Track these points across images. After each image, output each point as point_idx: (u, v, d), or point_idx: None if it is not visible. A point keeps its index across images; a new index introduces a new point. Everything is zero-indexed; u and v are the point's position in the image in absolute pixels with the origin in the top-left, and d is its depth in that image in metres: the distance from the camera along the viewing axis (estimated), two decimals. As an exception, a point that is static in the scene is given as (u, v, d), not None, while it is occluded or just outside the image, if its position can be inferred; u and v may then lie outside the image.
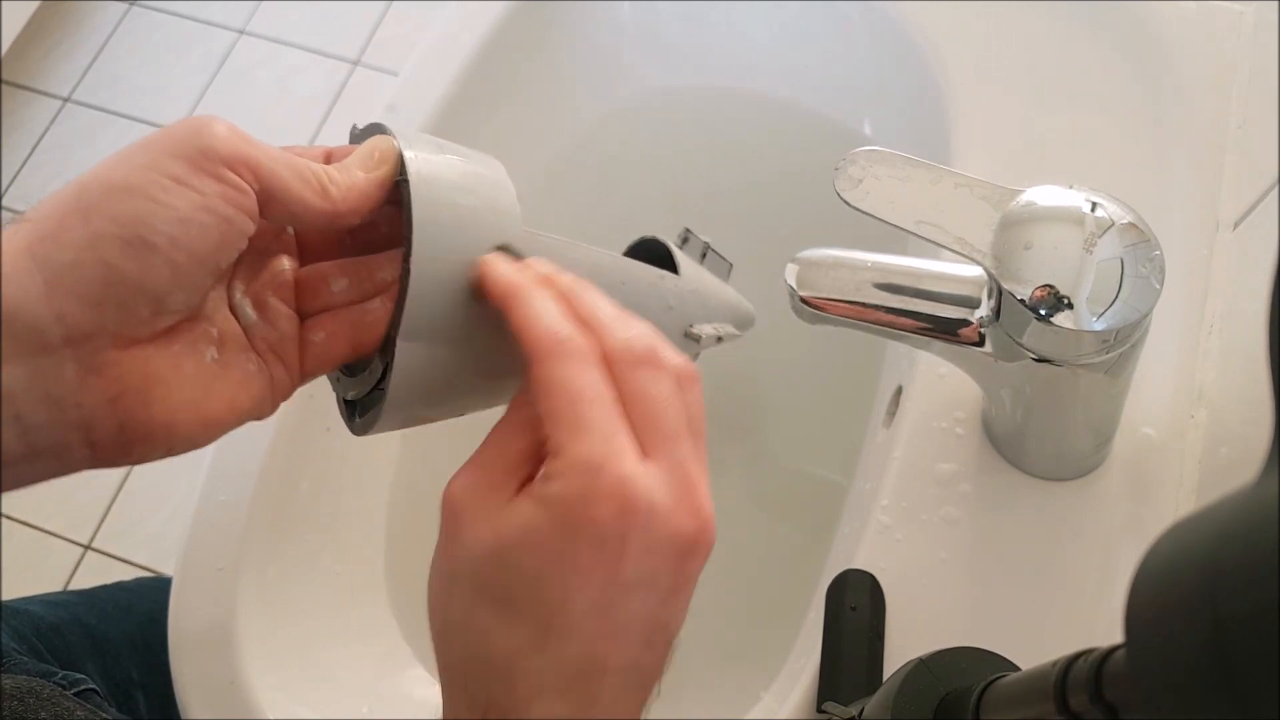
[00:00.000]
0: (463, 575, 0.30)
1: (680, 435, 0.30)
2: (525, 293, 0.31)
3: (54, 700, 0.43)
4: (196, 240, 0.29)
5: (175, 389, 0.30)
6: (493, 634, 0.29)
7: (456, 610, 0.30)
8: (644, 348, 0.31)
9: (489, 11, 0.69)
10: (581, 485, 0.28)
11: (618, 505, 0.28)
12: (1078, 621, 0.48)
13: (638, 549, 0.29)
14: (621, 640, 0.30)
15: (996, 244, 0.40)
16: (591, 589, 0.29)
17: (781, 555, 0.73)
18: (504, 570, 0.29)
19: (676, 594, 0.31)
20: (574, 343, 0.30)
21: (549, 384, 0.29)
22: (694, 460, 0.31)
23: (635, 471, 0.29)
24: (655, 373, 0.31)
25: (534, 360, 0.30)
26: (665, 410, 0.30)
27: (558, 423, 0.29)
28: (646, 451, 0.30)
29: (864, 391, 0.68)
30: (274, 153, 0.31)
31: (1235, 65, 0.60)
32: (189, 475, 1.42)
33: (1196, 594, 0.18)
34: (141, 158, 0.29)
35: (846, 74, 0.72)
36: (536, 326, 0.30)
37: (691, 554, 0.30)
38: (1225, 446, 0.49)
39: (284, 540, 0.58)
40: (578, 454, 0.28)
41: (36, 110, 1.72)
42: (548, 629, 0.29)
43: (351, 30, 1.73)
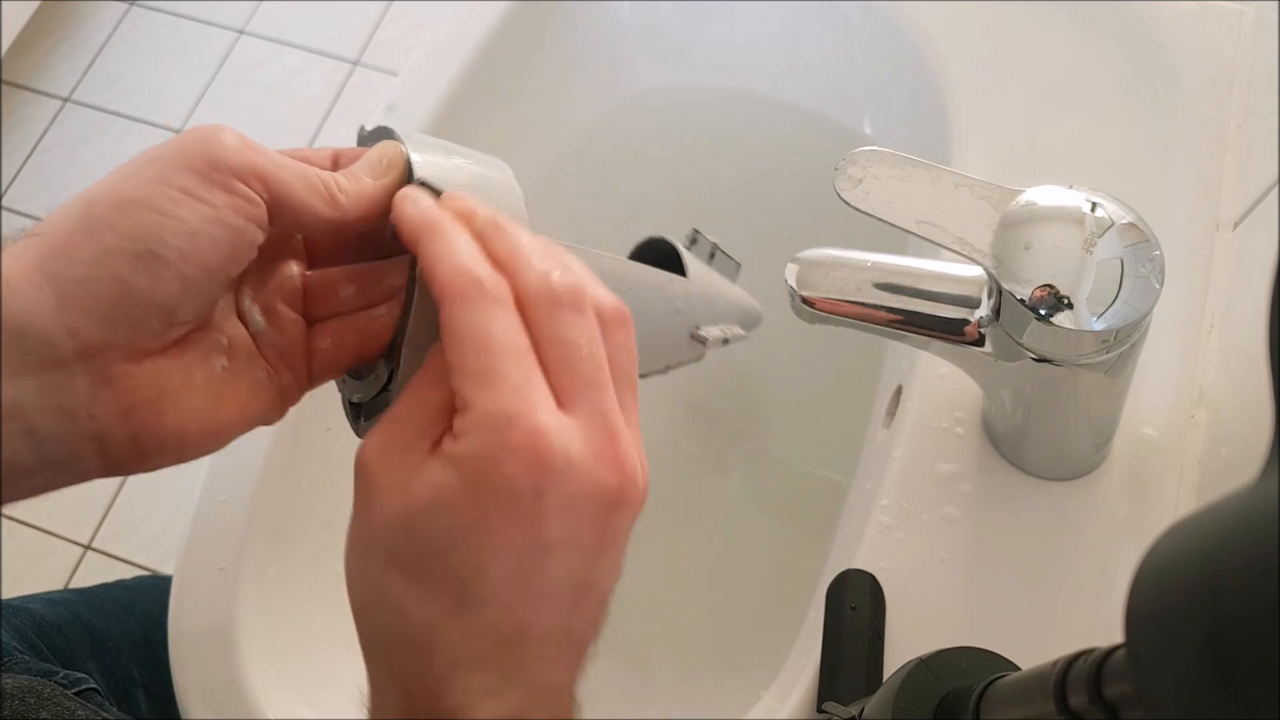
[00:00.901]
0: (375, 545, 0.28)
1: (602, 383, 0.29)
2: (437, 229, 0.29)
3: (55, 700, 0.44)
4: (207, 252, 0.29)
5: (187, 399, 0.30)
6: (408, 605, 0.28)
7: (371, 582, 0.29)
8: (565, 287, 0.29)
9: (489, 11, 0.69)
10: (490, 441, 0.27)
11: (530, 461, 0.26)
12: (1078, 621, 0.48)
13: (554, 506, 0.27)
14: (544, 605, 0.28)
15: (996, 244, 0.40)
16: (507, 553, 0.27)
17: (781, 555, 0.73)
18: (415, 537, 0.27)
19: (602, 552, 0.29)
20: (485, 284, 0.28)
21: (455, 330, 0.27)
22: (618, 409, 0.29)
23: (549, 423, 0.27)
24: (575, 315, 0.29)
25: (443, 301, 0.28)
26: (585, 356, 0.28)
27: (465, 374, 0.27)
28: (563, 402, 0.28)
29: (864, 391, 0.68)
30: (283, 161, 0.31)
31: (1235, 65, 0.60)
32: (189, 475, 1.41)
33: (1196, 594, 0.19)
34: (150, 171, 0.29)
35: (846, 74, 0.72)
36: (445, 265, 0.28)
37: (615, 509, 0.28)
38: (1225, 446, 0.49)
39: (284, 540, 0.58)
40: (486, 408, 0.27)
41: (36, 110, 1.72)
42: (463, 597, 0.27)
43: (351, 30, 1.73)
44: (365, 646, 0.30)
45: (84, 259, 0.28)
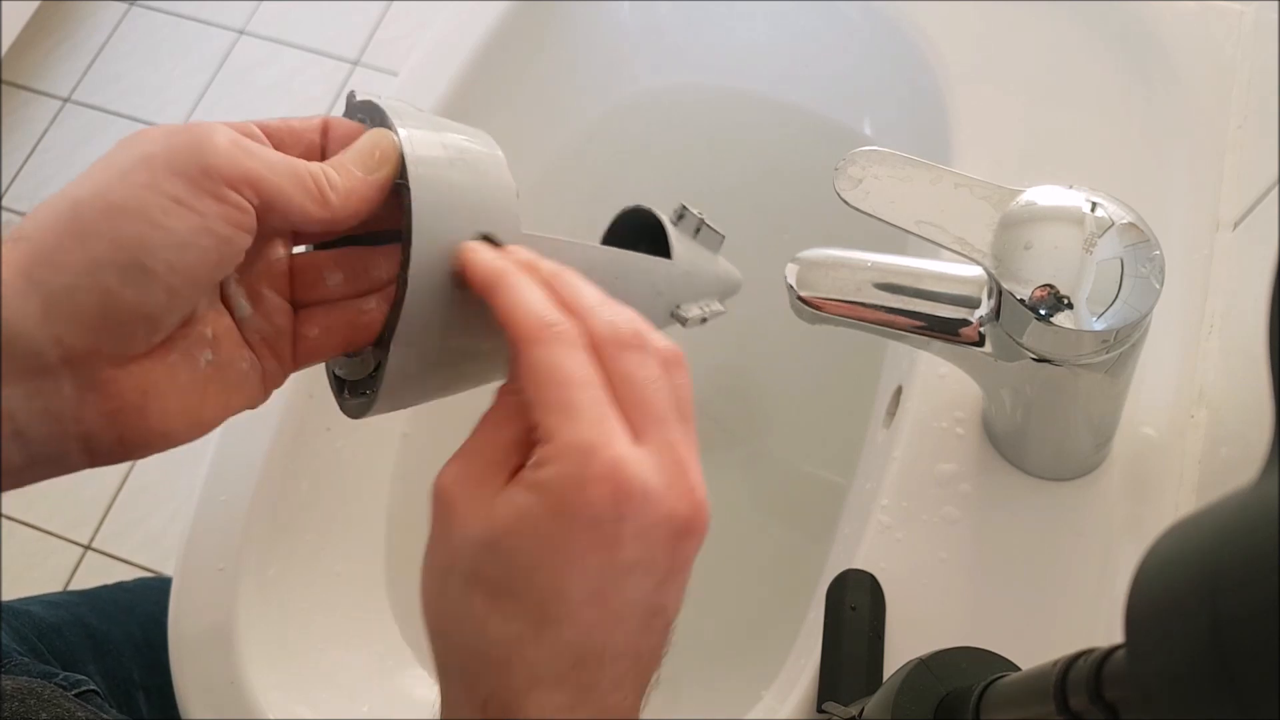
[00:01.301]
0: (456, 567, 0.29)
1: (669, 418, 0.30)
2: (509, 279, 0.31)
3: (55, 701, 0.43)
4: (195, 263, 0.29)
5: (172, 398, 0.31)
6: (489, 625, 0.29)
7: (451, 603, 0.30)
8: (630, 331, 0.31)
9: (489, 11, 0.69)
10: (575, 469, 0.28)
11: (612, 488, 0.28)
12: (1078, 621, 0.48)
13: (633, 532, 0.28)
14: (619, 626, 0.29)
15: (996, 244, 0.40)
16: (587, 575, 0.28)
17: (781, 555, 0.73)
18: (498, 559, 0.29)
19: (672, 577, 0.30)
20: (560, 327, 0.30)
21: (537, 369, 0.29)
22: (684, 442, 0.30)
23: (628, 454, 0.28)
24: (642, 356, 0.30)
25: (520, 346, 0.29)
26: (654, 393, 0.30)
27: (547, 408, 0.29)
28: (636, 435, 0.29)
29: (864, 391, 0.68)
30: (275, 162, 0.31)
31: (1235, 65, 0.60)
32: (189, 475, 1.42)
33: (1196, 594, 0.18)
34: (142, 175, 0.29)
35: (846, 74, 0.72)
36: (522, 312, 0.30)
37: (686, 536, 0.30)
38: (1225, 446, 0.49)
39: (284, 540, 0.58)
40: (570, 438, 0.28)
41: (36, 110, 1.72)
42: (544, 617, 0.28)
43: (351, 30, 1.73)
44: (441, 666, 0.31)
45: (71, 267, 0.28)
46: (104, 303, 0.28)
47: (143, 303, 0.29)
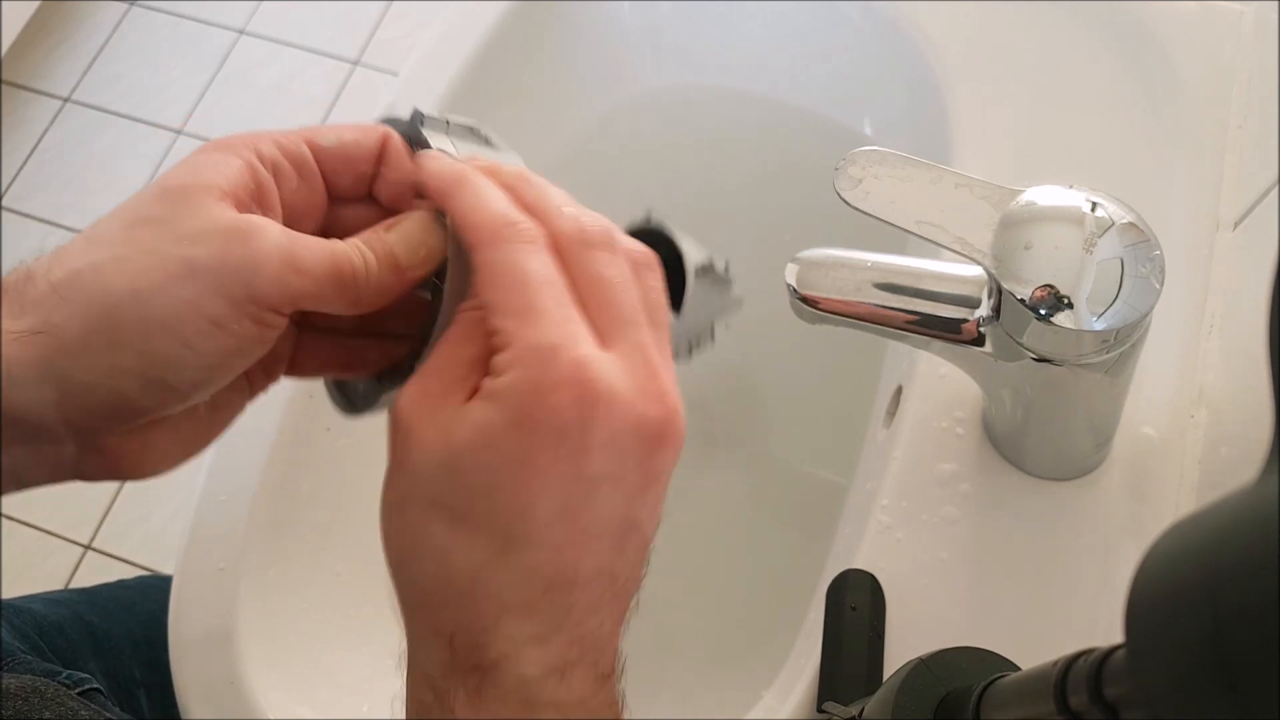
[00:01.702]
0: (416, 493, 0.28)
1: (638, 320, 0.28)
2: (468, 180, 0.29)
3: (58, 700, 0.43)
4: (218, 379, 0.29)
5: (168, 448, 0.31)
6: (451, 552, 0.27)
7: (410, 533, 0.28)
8: (597, 230, 0.29)
9: (489, 11, 0.69)
10: (535, 373, 0.26)
11: (576, 392, 0.26)
12: (1078, 621, 0.48)
13: (600, 440, 0.26)
14: (590, 545, 0.27)
15: (996, 244, 0.40)
16: (553, 489, 0.26)
17: (782, 555, 0.73)
18: (458, 479, 0.27)
19: (645, 490, 0.28)
20: (520, 226, 0.28)
21: (494, 270, 0.27)
22: (656, 346, 0.28)
23: (594, 356, 0.26)
24: (609, 255, 0.29)
25: (478, 246, 0.28)
26: (621, 294, 0.28)
27: (506, 310, 0.27)
28: (603, 338, 0.27)
29: (864, 391, 0.68)
30: (320, 270, 0.29)
31: (1235, 65, 0.60)
32: (189, 475, 1.42)
33: (1197, 593, 0.19)
34: (186, 290, 0.28)
35: (846, 74, 0.72)
36: (480, 212, 0.28)
37: (659, 444, 0.28)
38: (1225, 446, 0.49)
39: (284, 540, 0.58)
40: (529, 340, 0.26)
41: (36, 110, 1.72)
42: (509, 538, 0.27)
43: (351, 30, 1.73)
44: (404, 600, 0.29)
45: (94, 368, 0.28)
46: (120, 405, 0.28)
47: (157, 407, 0.29)
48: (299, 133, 0.32)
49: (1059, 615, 0.48)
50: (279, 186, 0.31)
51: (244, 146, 0.30)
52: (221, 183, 0.29)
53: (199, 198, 0.29)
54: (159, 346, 0.28)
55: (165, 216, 0.28)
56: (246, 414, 0.34)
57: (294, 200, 0.32)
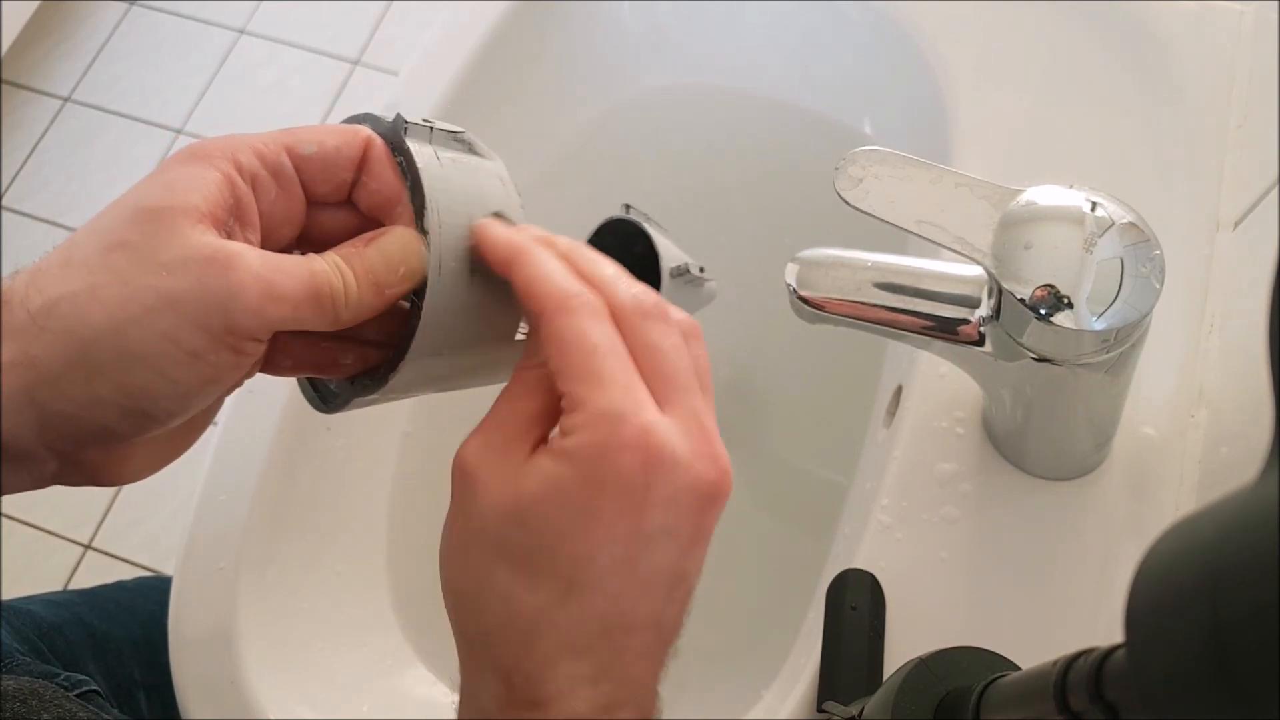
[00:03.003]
0: (481, 538, 0.29)
1: (692, 386, 0.30)
2: (529, 252, 0.31)
3: (56, 702, 0.43)
4: (196, 405, 0.30)
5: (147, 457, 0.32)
6: (514, 595, 0.29)
7: (474, 575, 0.30)
8: (652, 302, 0.31)
9: (489, 11, 0.69)
10: (604, 436, 0.28)
11: (641, 455, 0.28)
12: (1078, 621, 0.48)
13: (661, 499, 0.28)
14: (645, 595, 0.29)
15: (996, 244, 0.40)
16: (616, 542, 0.28)
17: (781, 555, 0.73)
18: (525, 528, 0.29)
19: (696, 545, 0.30)
20: (584, 297, 0.30)
21: (564, 338, 0.29)
22: (707, 411, 0.31)
23: (656, 421, 0.29)
24: (664, 326, 0.31)
25: (545, 315, 0.30)
26: (676, 362, 0.30)
27: (575, 376, 0.29)
28: (661, 404, 0.29)
29: (864, 391, 0.68)
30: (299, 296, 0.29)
31: (1235, 65, 0.60)
32: (189, 475, 1.42)
33: (1196, 593, 0.19)
34: (164, 321, 0.28)
35: (846, 74, 0.72)
36: (545, 283, 0.30)
37: (711, 502, 0.30)
38: (1225, 446, 0.49)
39: (284, 540, 0.58)
40: (599, 405, 0.28)
41: (36, 110, 1.72)
42: (571, 585, 0.28)
43: (351, 30, 1.73)
44: (463, 640, 0.31)
45: (74, 398, 0.28)
46: (100, 432, 0.29)
47: (136, 434, 0.30)
48: (278, 138, 0.32)
49: (1059, 615, 0.48)
50: (257, 198, 0.31)
51: (221, 157, 0.30)
52: (199, 203, 0.29)
53: (176, 221, 0.28)
54: (137, 379, 0.28)
55: (141, 242, 0.28)
56: (246, 414, 0.34)
57: (272, 210, 0.32)
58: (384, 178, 0.32)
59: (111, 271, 0.28)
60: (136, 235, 0.28)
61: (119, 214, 0.29)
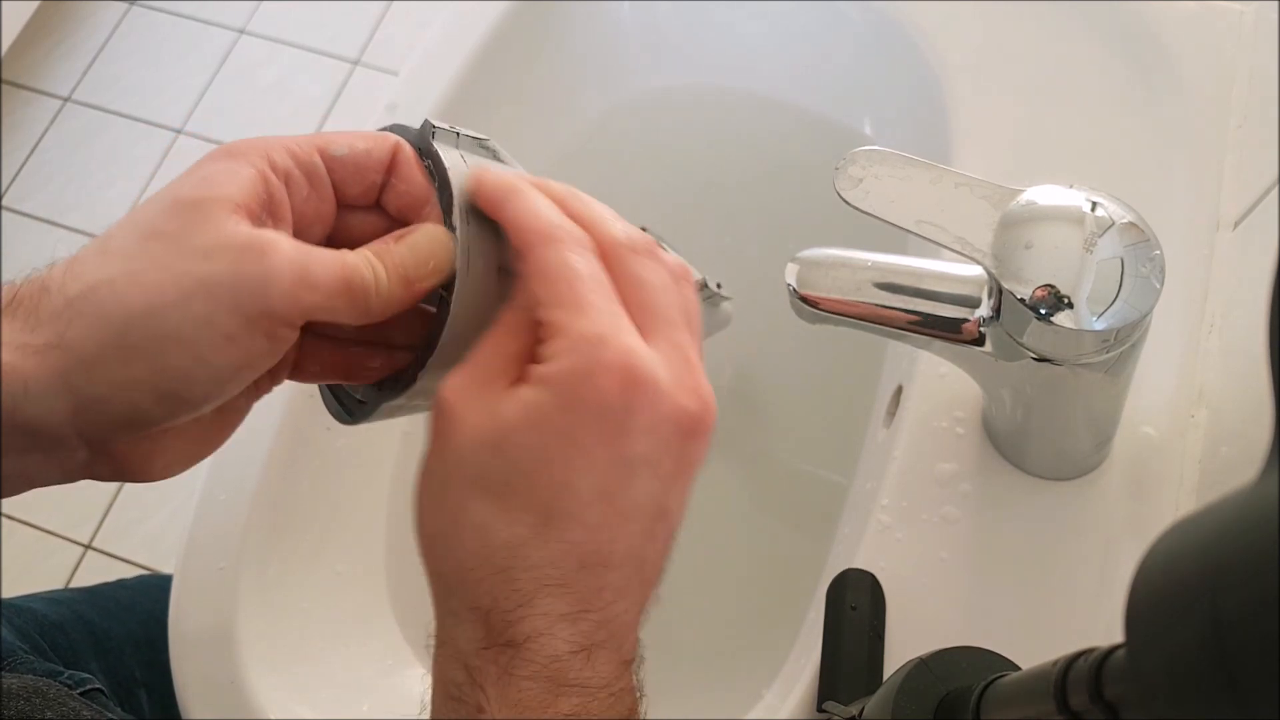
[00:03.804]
0: (458, 472, 0.29)
1: (678, 321, 0.30)
2: (520, 191, 0.31)
3: (60, 700, 0.43)
4: (229, 390, 0.30)
5: (175, 450, 0.32)
6: (491, 527, 0.28)
7: (451, 510, 0.29)
8: (641, 239, 0.31)
9: (489, 11, 0.69)
10: (585, 358, 0.28)
11: (622, 377, 0.28)
12: (1078, 621, 0.48)
13: (643, 424, 0.28)
14: (624, 527, 0.29)
15: (996, 243, 0.40)
16: (596, 468, 0.28)
17: (781, 555, 0.73)
18: (504, 457, 0.28)
19: (678, 478, 0.30)
20: (570, 229, 0.30)
21: (547, 267, 0.29)
22: (693, 346, 0.30)
23: (638, 346, 0.28)
24: (653, 262, 0.31)
25: (531, 247, 0.29)
26: (663, 295, 0.30)
27: (557, 303, 0.29)
28: (646, 335, 0.29)
29: (864, 391, 0.68)
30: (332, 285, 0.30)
31: (1235, 65, 0.60)
32: (189, 475, 1.42)
33: (1197, 593, 0.19)
34: (200, 306, 0.28)
35: (846, 74, 0.72)
36: (534, 217, 0.30)
37: (694, 434, 0.29)
38: (1225, 446, 0.49)
39: (284, 540, 0.58)
40: (579, 329, 0.28)
41: (36, 110, 1.72)
42: (550, 514, 0.28)
43: (351, 30, 1.73)
44: (439, 579, 0.30)
45: (108, 381, 0.28)
46: (133, 415, 0.29)
47: (170, 417, 0.30)
48: (311, 140, 0.32)
49: (1059, 615, 0.48)
50: (290, 195, 0.31)
51: (257, 155, 0.30)
52: (235, 194, 0.29)
53: (212, 211, 0.29)
54: (173, 361, 0.28)
55: (179, 231, 0.29)
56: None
57: (304, 209, 0.32)
58: (412, 179, 0.33)
59: (149, 258, 0.28)
60: (174, 225, 0.29)
61: (156, 206, 0.30)
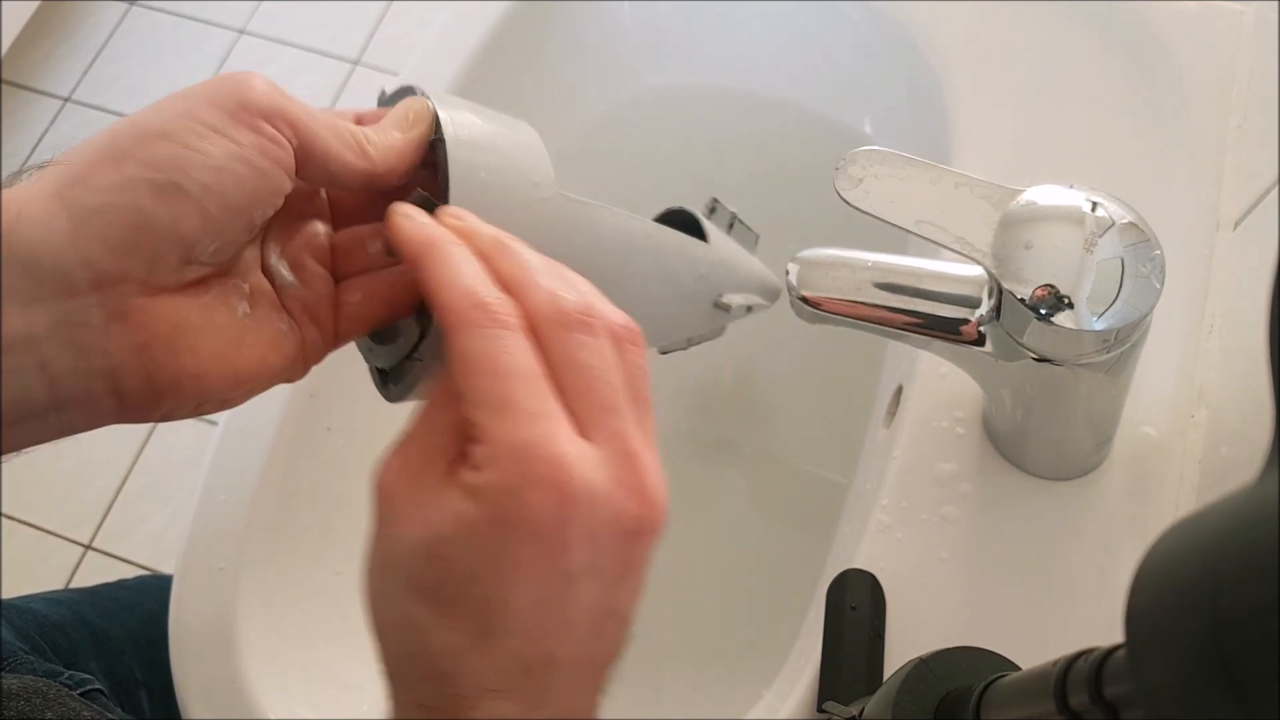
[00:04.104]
0: (396, 570, 0.28)
1: (619, 406, 0.28)
2: (438, 249, 0.28)
3: (60, 700, 0.43)
4: (230, 189, 0.28)
5: (205, 339, 0.29)
6: (430, 632, 0.27)
7: (392, 606, 0.28)
8: (576, 307, 0.28)
9: (489, 11, 0.69)
10: (512, 474, 0.26)
11: (552, 493, 0.26)
12: (1078, 621, 0.48)
13: (579, 537, 0.26)
14: (568, 633, 0.27)
15: (997, 243, 0.40)
16: (531, 585, 0.26)
17: (781, 555, 0.73)
18: (437, 567, 0.27)
19: (624, 579, 0.28)
20: (493, 308, 0.27)
21: (466, 358, 0.27)
22: (637, 433, 0.28)
23: (570, 453, 0.26)
24: (587, 336, 0.28)
25: (449, 329, 0.27)
26: (601, 379, 0.28)
27: (479, 403, 0.26)
28: (582, 427, 0.27)
29: (864, 391, 0.68)
30: (313, 110, 0.31)
31: (1235, 65, 0.60)
32: (189, 475, 1.42)
33: (1197, 593, 0.19)
34: (179, 105, 0.29)
35: (846, 74, 0.72)
36: (450, 289, 0.27)
37: (638, 535, 0.28)
38: (1225, 446, 0.49)
39: (284, 540, 0.58)
40: (505, 438, 0.26)
41: (36, 110, 1.72)
42: (487, 628, 0.27)
43: (351, 30, 1.73)
44: (387, 666, 0.29)
45: (104, 186, 0.27)
46: (136, 221, 0.27)
47: (176, 222, 0.28)
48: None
49: (1059, 615, 0.48)
50: None
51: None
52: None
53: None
54: (162, 150, 0.28)
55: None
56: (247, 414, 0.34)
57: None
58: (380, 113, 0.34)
59: (143, 111, 0.29)
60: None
61: None
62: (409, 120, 0.32)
